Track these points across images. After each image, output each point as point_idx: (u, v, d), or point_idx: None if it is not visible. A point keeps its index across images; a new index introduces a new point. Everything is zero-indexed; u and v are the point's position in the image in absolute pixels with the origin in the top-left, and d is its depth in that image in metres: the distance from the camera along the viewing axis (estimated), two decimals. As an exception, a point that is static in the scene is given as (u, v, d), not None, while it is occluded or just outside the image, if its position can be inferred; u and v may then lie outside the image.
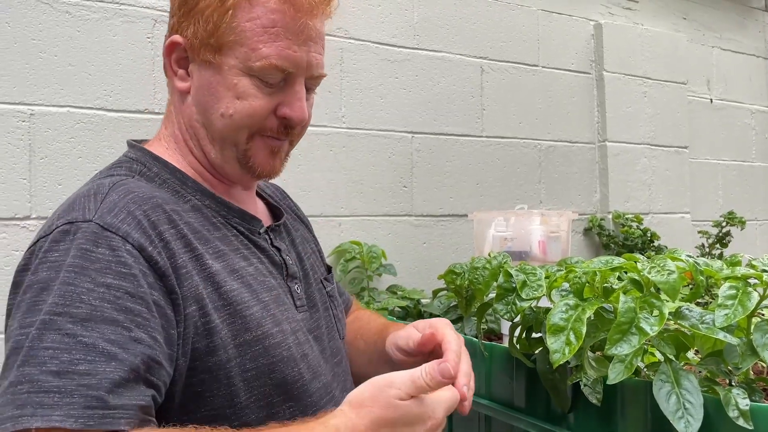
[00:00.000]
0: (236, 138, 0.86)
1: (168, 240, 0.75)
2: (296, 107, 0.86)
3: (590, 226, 2.42)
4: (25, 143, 1.55)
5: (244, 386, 0.77)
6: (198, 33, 0.83)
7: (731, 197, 2.92)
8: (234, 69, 0.83)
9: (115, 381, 0.65)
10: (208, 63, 0.84)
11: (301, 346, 0.85)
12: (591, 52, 2.52)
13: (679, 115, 2.69)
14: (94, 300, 0.67)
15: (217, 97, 0.84)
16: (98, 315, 0.67)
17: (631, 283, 0.85)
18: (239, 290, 0.80)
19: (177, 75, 0.87)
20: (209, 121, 0.86)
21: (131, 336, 0.68)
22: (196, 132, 0.88)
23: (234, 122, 0.84)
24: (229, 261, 0.81)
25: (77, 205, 0.75)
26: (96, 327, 0.66)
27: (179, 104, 0.89)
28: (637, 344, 0.76)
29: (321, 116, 1.95)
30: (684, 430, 0.73)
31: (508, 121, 2.31)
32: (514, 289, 0.97)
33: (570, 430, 0.97)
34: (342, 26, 1.99)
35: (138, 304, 0.69)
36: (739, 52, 3.05)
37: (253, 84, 0.83)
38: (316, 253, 1.07)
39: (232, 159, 0.87)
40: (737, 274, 0.83)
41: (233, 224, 0.87)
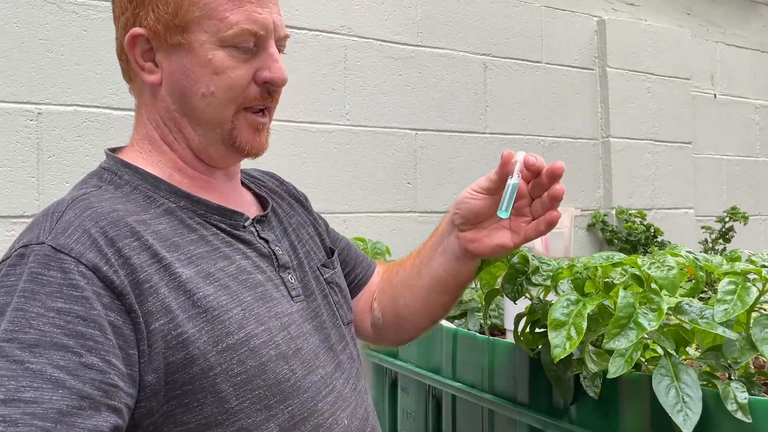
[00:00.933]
0: (221, 116, 0.83)
1: (128, 256, 0.73)
2: (275, 68, 0.84)
3: (594, 222, 2.43)
4: (33, 142, 1.57)
5: (234, 391, 0.75)
6: (160, 18, 0.80)
7: (735, 192, 2.92)
8: (206, 44, 0.80)
9: (62, 410, 0.63)
10: (177, 46, 0.81)
11: (294, 341, 0.83)
12: (594, 48, 2.53)
13: (683, 111, 2.69)
14: (43, 325, 0.65)
15: (194, 78, 0.82)
16: (47, 341, 0.65)
17: (631, 278, 0.86)
18: (215, 294, 0.77)
19: (144, 69, 0.84)
20: (190, 105, 0.83)
21: (81, 362, 0.66)
22: (175, 123, 0.85)
23: (217, 99, 0.82)
24: (204, 265, 0.79)
25: (35, 226, 0.74)
26: (44, 353, 0.64)
27: (151, 101, 0.86)
28: (634, 339, 0.77)
29: (325, 114, 1.96)
30: (683, 424, 0.74)
31: (511, 118, 2.32)
32: (525, 273, 0.98)
33: (572, 423, 0.98)
34: (345, 24, 2.00)
35: (90, 328, 0.68)
36: (743, 47, 3.04)
37: (229, 55, 0.81)
38: (314, 237, 1.03)
39: (217, 141, 0.85)
40: (737, 270, 0.84)
41: (213, 222, 0.85)
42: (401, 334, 1.10)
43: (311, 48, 1.95)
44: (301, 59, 1.93)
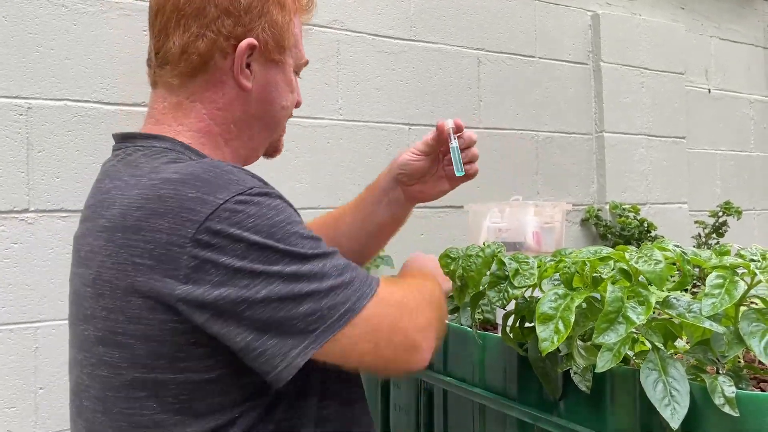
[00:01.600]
0: (282, 125, 1.02)
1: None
2: (299, 94, 1.04)
3: (587, 217, 2.43)
4: (23, 137, 1.56)
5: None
6: (274, 35, 0.95)
7: (729, 187, 2.93)
8: (289, 66, 0.98)
9: (358, 275, 0.83)
10: (275, 62, 0.96)
11: None
12: (588, 42, 2.52)
13: (677, 106, 2.69)
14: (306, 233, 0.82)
15: (280, 91, 0.97)
16: (314, 239, 0.82)
17: (619, 272, 0.85)
18: None
19: (243, 74, 0.94)
20: (270, 113, 0.98)
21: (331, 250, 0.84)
22: (247, 124, 0.98)
23: (288, 112, 1.01)
24: None
25: (220, 180, 0.82)
26: (321, 244, 0.83)
27: (227, 102, 0.96)
28: (624, 333, 0.77)
29: (318, 108, 1.96)
30: (670, 418, 0.74)
31: (505, 113, 2.32)
32: (507, 277, 0.98)
33: (561, 417, 0.98)
34: (338, 18, 1.99)
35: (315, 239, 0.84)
36: (737, 41, 3.04)
37: (295, 79, 1.01)
38: None
39: (266, 144, 1.03)
40: (725, 264, 0.84)
41: None
42: None
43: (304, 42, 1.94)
44: (293, 53, 1.92)
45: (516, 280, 0.95)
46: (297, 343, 0.77)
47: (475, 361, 1.21)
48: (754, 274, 0.83)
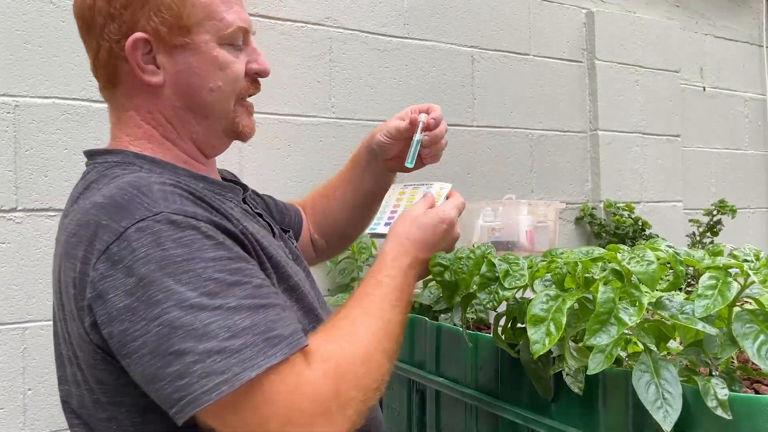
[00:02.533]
0: (226, 107, 0.92)
1: (218, 208, 0.82)
2: (260, 60, 0.94)
3: (582, 215, 2.42)
4: (10, 135, 1.54)
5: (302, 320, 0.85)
6: (164, 21, 0.86)
7: (724, 186, 2.92)
8: (210, 43, 0.88)
9: (273, 320, 0.73)
10: (181, 47, 0.87)
11: (309, 293, 0.94)
12: (583, 40, 2.51)
13: (672, 104, 2.68)
14: (213, 274, 0.72)
15: (202, 74, 0.88)
16: (224, 284, 0.72)
17: (612, 273, 0.84)
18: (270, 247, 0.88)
19: (146, 71, 0.87)
20: (198, 100, 0.90)
21: (254, 285, 0.75)
22: (180, 119, 0.91)
23: (223, 93, 0.90)
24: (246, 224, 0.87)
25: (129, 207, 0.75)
26: (229, 293, 0.72)
27: (150, 102, 0.90)
28: (615, 334, 0.76)
29: (310, 106, 1.94)
30: (662, 420, 0.73)
31: (499, 111, 2.30)
32: (497, 279, 0.97)
33: (553, 419, 0.98)
34: (331, 16, 1.98)
35: (240, 263, 0.76)
36: (732, 39, 3.04)
37: (228, 51, 0.90)
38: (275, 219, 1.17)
39: (219, 131, 0.93)
40: (718, 264, 0.83)
41: (228, 198, 0.93)
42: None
43: (296, 40, 1.92)
44: (285, 51, 1.91)
45: (506, 281, 0.94)
46: (169, 405, 0.68)
47: (467, 362, 1.20)
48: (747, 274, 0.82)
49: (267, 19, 1.87)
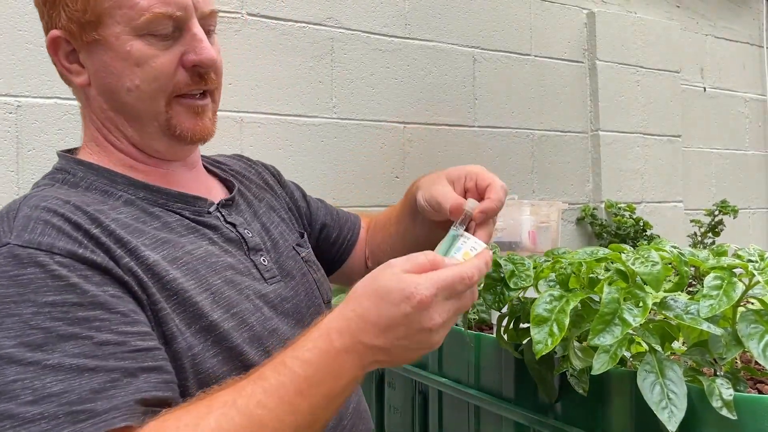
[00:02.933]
0: (153, 108, 0.80)
1: (97, 236, 0.71)
2: (200, 49, 0.80)
3: (583, 216, 2.42)
4: (12, 135, 1.54)
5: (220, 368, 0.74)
6: (72, 16, 0.77)
7: (724, 186, 2.92)
8: (121, 36, 0.77)
9: (95, 389, 0.62)
10: (94, 43, 0.78)
11: (268, 321, 0.81)
12: (584, 40, 2.51)
13: (672, 104, 2.68)
14: (43, 322, 0.63)
15: (117, 73, 0.78)
16: (53, 336, 0.63)
17: (616, 273, 0.84)
18: (183, 278, 0.75)
19: (72, 71, 0.81)
20: (120, 101, 0.80)
21: (95, 342, 0.64)
22: (112, 122, 0.83)
23: (144, 93, 0.79)
24: (169, 249, 0.77)
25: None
26: (56, 348, 0.62)
27: (87, 103, 0.84)
28: (619, 335, 0.76)
29: (312, 107, 1.94)
30: (667, 421, 0.73)
31: (500, 111, 2.31)
32: (503, 279, 0.97)
33: (557, 419, 0.97)
34: (332, 16, 1.98)
35: (90, 310, 0.65)
36: (732, 40, 3.04)
37: (147, 43, 0.77)
38: (286, 220, 1.02)
39: (157, 133, 0.82)
40: (723, 264, 0.83)
41: (175, 210, 0.83)
42: None
43: (297, 40, 1.92)
44: (287, 51, 1.91)
45: (512, 281, 0.94)
46: None
47: (470, 363, 1.20)
48: (752, 275, 0.82)
49: (269, 19, 1.87)
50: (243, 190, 0.97)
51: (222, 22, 1.79)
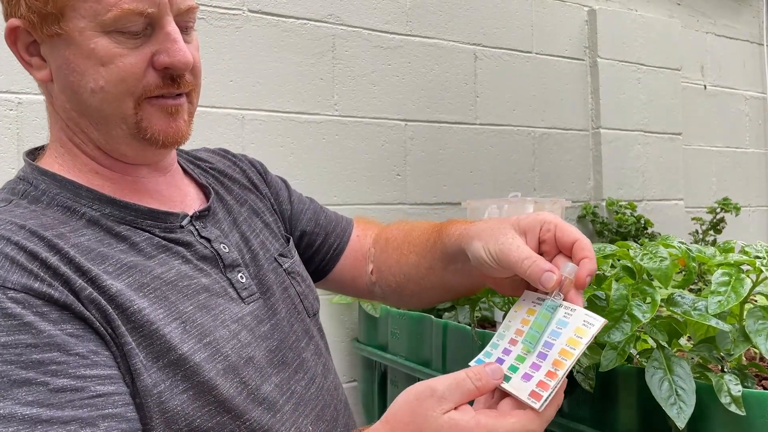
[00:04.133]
0: (120, 111, 0.73)
1: (55, 266, 0.65)
2: (173, 50, 0.73)
3: (584, 214, 2.42)
4: (13, 132, 1.53)
5: (183, 409, 0.68)
6: (31, 5, 0.70)
7: (725, 184, 2.92)
8: (86, 32, 0.70)
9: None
10: (55, 37, 0.71)
11: (245, 348, 0.76)
12: (585, 38, 2.51)
13: (673, 102, 2.68)
14: None
15: (80, 72, 0.71)
16: (5, 381, 0.58)
17: (623, 270, 0.84)
18: (150, 308, 0.70)
19: (33, 65, 0.74)
20: (83, 102, 0.73)
21: (51, 389, 0.59)
22: (75, 123, 0.76)
23: (109, 94, 0.72)
24: (136, 275, 0.71)
25: None
26: (7, 395, 0.58)
27: (50, 100, 0.77)
28: (629, 331, 0.75)
29: (313, 104, 1.94)
30: (676, 417, 0.73)
31: (501, 109, 2.30)
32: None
33: (563, 416, 0.97)
34: (333, 13, 1.97)
35: (46, 352, 0.60)
36: (733, 38, 3.04)
37: (114, 41, 0.70)
38: (270, 225, 0.95)
39: (125, 137, 0.75)
40: (730, 261, 0.83)
41: (144, 228, 0.77)
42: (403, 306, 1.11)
43: (298, 37, 1.92)
44: (288, 48, 1.90)
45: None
46: None
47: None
48: (759, 271, 0.82)
49: (270, 16, 1.87)
50: (223, 194, 0.91)
51: (223, 19, 1.78)
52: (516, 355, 0.70)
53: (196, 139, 0.86)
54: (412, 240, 0.99)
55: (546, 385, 0.65)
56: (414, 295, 1.00)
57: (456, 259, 0.87)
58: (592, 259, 0.71)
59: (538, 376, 0.66)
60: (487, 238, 0.78)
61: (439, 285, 0.94)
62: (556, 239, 0.74)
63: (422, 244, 0.96)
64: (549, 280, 0.70)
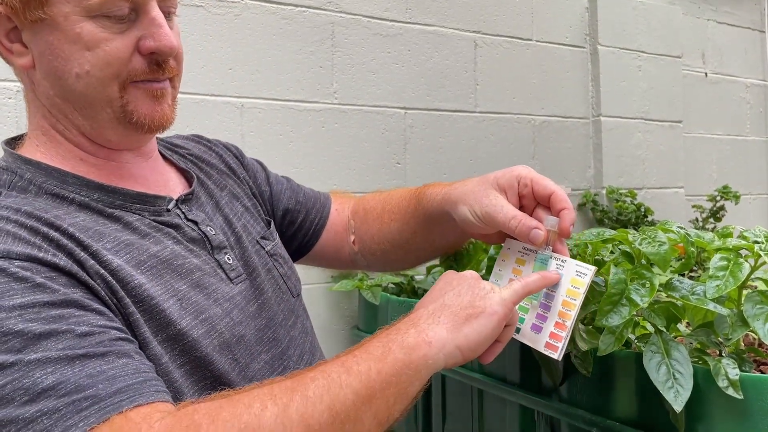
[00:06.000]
0: (105, 95, 0.74)
1: (56, 239, 0.66)
2: (159, 35, 0.74)
3: (584, 202, 2.42)
4: (12, 120, 1.53)
5: (184, 381, 0.71)
6: None
7: (725, 172, 2.92)
8: (71, 16, 0.70)
9: (91, 374, 0.59)
10: (39, 22, 0.71)
11: (237, 327, 0.77)
12: (585, 25, 2.50)
13: (674, 89, 2.67)
14: (15, 326, 0.59)
15: (65, 57, 0.72)
16: (30, 337, 0.59)
17: (622, 255, 0.84)
18: (149, 284, 0.71)
19: (13, 51, 0.74)
20: (67, 88, 0.73)
21: (77, 333, 0.61)
22: (59, 110, 0.76)
23: (94, 78, 0.72)
24: (134, 252, 0.73)
25: None
26: (37, 348, 0.59)
27: (31, 88, 0.77)
28: (627, 315, 0.76)
29: (312, 92, 1.93)
30: (673, 400, 0.73)
31: (501, 97, 2.30)
32: (505, 262, 0.97)
33: (561, 402, 0.98)
34: (332, 0, 1.96)
35: (63, 308, 0.62)
36: (734, 25, 3.02)
37: (99, 26, 0.71)
38: (249, 209, 0.96)
39: (111, 121, 0.76)
40: (728, 246, 0.83)
41: (134, 211, 0.78)
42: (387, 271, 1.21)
43: (297, 24, 1.91)
44: (287, 36, 1.89)
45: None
46: None
47: (473, 346, 1.20)
48: (758, 255, 0.82)
49: (269, 3, 1.86)
50: (203, 179, 0.92)
51: (222, 7, 1.78)
52: (518, 306, 0.75)
53: (194, 128, 0.87)
54: (391, 208, 1.04)
55: (559, 337, 0.74)
56: (399, 259, 1.06)
57: (440, 220, 0.93)
58: (570, 209, 0.80)
59: (548, 328, 0.74)
60: (471, 201, 0.84)
61: (425, 246, 1.01)
62: (534, 193, 0.83)
63: (402, 210, 1.01)
64: (537, 237, 0.79)
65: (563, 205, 0.80)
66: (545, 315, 0.75)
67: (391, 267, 1.13)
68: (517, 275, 0.79)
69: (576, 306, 0.73)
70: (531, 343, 0.75)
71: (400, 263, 1.09)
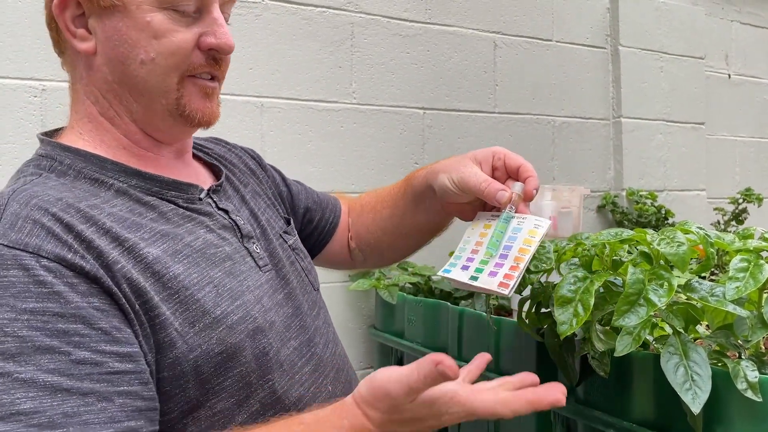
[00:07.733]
0: (165, 84, 0.78)
1: (90, 239, 0.68)
2: (220, 33, 0.79)
3: (604, 204, 2.40)
4: (38, 119, 1.56)
5: (215, 371, 0.72)
6: None
7: (748, 174, 2.88)
8: (143, 5, 0.75)
9: (67, 413, 0.59)
10: (110, 8, 0.75)
11: (268, 313, 0.80)
12: (606, 26, 2.48)
13: (696, 91, 2.64)
14: (20, 330, 0.60)
15: (132, 43, 0.75)
16: (29, 346, 0.60)
17: (640, 255, 0.84)
18: (185, 273, 0.73)
19: (76, 36, 0.77)
20: (129, 74, 0.77)
21: (72, 359, 0.61)
22: (115, 95, 0.79)
23: (158, 66, 0.76)
24: (170, 242, 0.75)
25: None
26: (30, 360, 0.59)
27: (86, 73, 0.79)
28: (644, 315, 0.75)
29: (331, 92, 1.94)
30: (691, 402, 0.73)
31: (521, 97, 2.29)
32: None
33: (578, 403, 0.97)
34: (352, 0, 1.97)
35: (71, 323, 0.63)
36: (758, 26, 2.98)
37: (168, 17, 0.76)
38: (271, 206, 1.00)
39: (163, 112, 0.80)
40: (749, 247, 0.82)
41: (169, 198, 0.80)
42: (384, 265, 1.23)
43: (317, 25, 1.92)
44: (307, 36, 1.91)
45: (533, 264, 0.93)
46: None
47: (490, 347, 1.20)
48: (779, 257, 0.81)
49: (289, 4, 1.87)
50: (229, 175, 0.95)
51: (242, 7, 1.79)
52: (480, 260, 0.84)
53: (215, 127, 0.89)
54: (383, 197, 1.12)
55: (511, 276, 0.81)
56: (390, 246, 1.12)
57: (424, 196, 1.01)
58: (534, 177, 0.89)
59: (503, 272, 0.81)
60: (450, 170, 0.93)
61: (412, 229, 1.08)
62: (506, 166, 0.92)
63: (393, 196, 1.10)
64: (503, 196, 0.87)
65: (529, 174, 0.89)
66: (502, 263, 0.83)
67: (385, 257, 1.17)
68: (484, 237, 0.87)
69: (530, 251, 0.82)
70: (486, 285, 0.81)
71: (391, 251, 1.14)
